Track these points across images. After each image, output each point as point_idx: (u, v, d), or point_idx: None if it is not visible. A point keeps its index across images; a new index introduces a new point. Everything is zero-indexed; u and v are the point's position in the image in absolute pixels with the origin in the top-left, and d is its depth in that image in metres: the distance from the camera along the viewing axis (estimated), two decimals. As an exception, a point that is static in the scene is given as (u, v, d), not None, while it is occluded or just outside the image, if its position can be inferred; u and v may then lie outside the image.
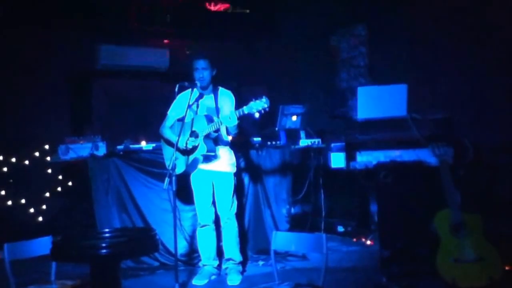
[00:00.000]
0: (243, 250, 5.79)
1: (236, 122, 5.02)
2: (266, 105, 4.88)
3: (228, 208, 5.50)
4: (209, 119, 5.24)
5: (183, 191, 5.93)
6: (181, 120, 5.26)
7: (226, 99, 5.48)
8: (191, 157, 5.33)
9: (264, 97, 4.91)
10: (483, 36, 5.82)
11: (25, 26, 8.04)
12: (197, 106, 5.42)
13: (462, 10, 6.04)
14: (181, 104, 5.42)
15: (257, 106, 4.89)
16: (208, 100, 5.46)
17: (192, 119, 5.32)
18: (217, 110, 5.40)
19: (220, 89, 5.54)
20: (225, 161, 5.48)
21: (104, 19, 8.36)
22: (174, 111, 5.51)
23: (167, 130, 5.50)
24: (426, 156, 5.13)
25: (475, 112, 5.82)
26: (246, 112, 4.94)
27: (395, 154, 5.40)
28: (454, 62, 6.14)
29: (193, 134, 5.28)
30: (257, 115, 4.95)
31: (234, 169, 5.57)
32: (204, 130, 5.20)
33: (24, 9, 7.71)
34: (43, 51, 8.26)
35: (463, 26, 6.02)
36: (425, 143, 5.01)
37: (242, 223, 6.13)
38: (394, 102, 5.39)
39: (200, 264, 5.71)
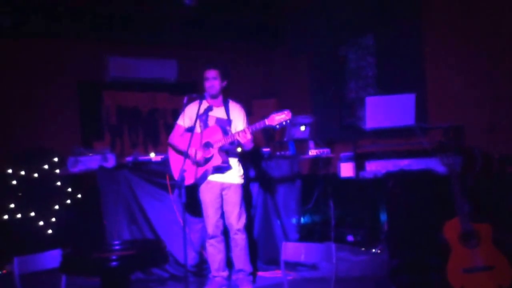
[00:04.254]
0: (253, 261, 5.78)
1: (250, 136, 5.06)
2: (288, 118, 4.90)
3: (237, 220, 5.48)
4: (224, 131, 5.24)
5: (192, 203, 5.93)
6: (190, 130, 5.27)
7: (237, 111, 5.47)
8: (203, 168, 5.34)
9: (286, 110, 4.94)
10: (494, 45, 5.80)
11: (35, 38, 8.10)
12: (207, 117, 5.43)
13: (473, 19, 6.03)
14: (190, 115, 5.43)
15: (279, 119, 4.91)
16: (219, 112, 5.47)
17: (203, 130, 5.33)
18: (229, 121, 5.40)
19: (230, 101, 5.55)
20: (234, 172, 5.47)
21: (113, 31, 8.39)
22: (183, 121, 5.52)
23: (177, 140, 5.50)
24: (434, 165, 5.12)
25: (486, 122, 5.79)
26: (267, 124, 4.97)
27: (404, 163, 5.39)
28: (465, 71, 6.12)
29: (207, 145, 5.28)
30: (277, 127, 4.96)
31: (242, 181, 5.57)
32: (220, 141, 5.21)
33: (34, 21, 7.75)
34: (53, 63, 8.31)
35: (474, 35, 6.01)
36: (433, 152, 5.00)
37: (252, 234, 6.12)
38: (402, 112, 5.39)
39: (210, 275, 5.70)
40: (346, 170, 5.76)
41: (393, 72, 7.08)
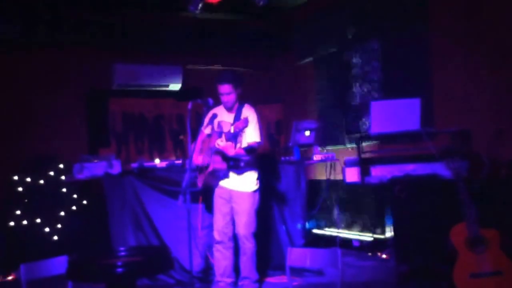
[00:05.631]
0: (259, 266, 5.78)
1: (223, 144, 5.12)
2: (244, 125, 5.05)
3: (245, 228, 5.48)
4: (220, 137, 5.26)
5: (205, 208, 5.94)
6: (209, 137, 5.33)
7: (248, 116, 5.45)
8: (206, 173, 5.36)
9: (245, 117, 5.10)
10: (501, 50, 5.78)
11: (41, 46, 8.12)
12: (217, 123, 5.44)
13: (479, 24, 6.02)
14: (210, 120, 5.45)
15: (240, 126, 5.05)
16: (229, 117, 5.48)
17: (211, 136, 5.36)
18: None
19: (245, 106, 5.54)
20: (244, 179, 5.47)
21: (118, 39, 8.42)
22: (205, 128, 5.52)
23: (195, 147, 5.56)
24: (440, 169, 5.09)
25: (493, 126, 5.77)
26: (233, 131, 5.12)
27: (410, 168, 5.37)
28: (471, 75, 6.10)
29: (210, 151, 5.31)
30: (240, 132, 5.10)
31: (254, 188, 5.55)
32: (213, 148, 5.23)
33: (39, 30, 7.80)
34: (59, 71, 8.34)
35: (480, 40, 5.99)
36: (439, 156, 4.98)
37: (258, 239, 6.11)
38: (408, 116, 5.38)
39: (215, 280, 5.69)
40: (351, 175, 5.73)
41: (399, 76, 7.07)
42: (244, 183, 5.47)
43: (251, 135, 5.30)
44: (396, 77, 7.14)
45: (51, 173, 7.76)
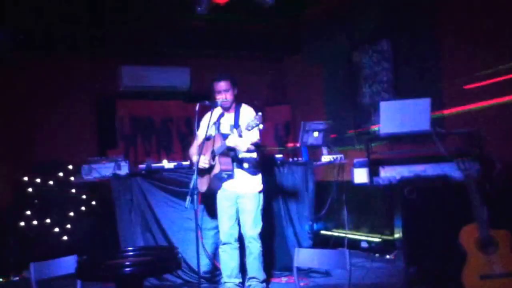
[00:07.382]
0: (266, 267, 5.77)
1: (236, 140, 5.08)
2: (258, 123, 4.90)
3: (251, 228, 5.47)
4: (225, 138, 5.24)
5: (206, 210, 5.96)
6: (208, 139, 5.31)
7: (247, 116, 5.47)
8: (211, 176, 5.35)
9: (257, 114, 4.96)
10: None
11: (48, 50, 8.15)
12: (219, 125, 5.44)
13: (489, 23, 5.98)
14: (204, 124, 5.45)
15: (252, 124, 4.89)
16: (229, 118, 5.48)
17: (213, 138, 5.34)
18: (237, 127, 5.39)
19: (243, 106, 5.55)
20: (249, 180, 5.46)
21: (126, 41, 8.43)
22: (202, 130, 5.52)
23: (194, 150, 5.54)
24: (451, 170, 5.06)
25: (505, 127, 5.73)
26: (245, 128, 4.98)
27: (419, 169, 5.33)
28: (482, 75, 6.07)
29: (212, 153, 5.30)
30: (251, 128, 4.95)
31: (259, 188, 5.54)
32: (219, 148, 5.22)
33: (46, 34, 7.84)
34: (67, 74, 8.37)
35: (491, 39, 5.96)
36: (450, 157, 4.95)
37: (265, 240, 6.10)
38: (418, 117, 5.33)
39: (222, 281, 5.69)
40: (360, 176, 5.69)
41: (409, 77, 7.04)
42: (249, 184, 5.46)
43: (253, 134, 5.30)
44: (406, 78, 7.11)
45: (61, 174, 7.79)
